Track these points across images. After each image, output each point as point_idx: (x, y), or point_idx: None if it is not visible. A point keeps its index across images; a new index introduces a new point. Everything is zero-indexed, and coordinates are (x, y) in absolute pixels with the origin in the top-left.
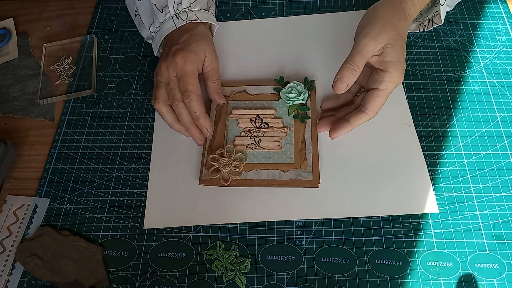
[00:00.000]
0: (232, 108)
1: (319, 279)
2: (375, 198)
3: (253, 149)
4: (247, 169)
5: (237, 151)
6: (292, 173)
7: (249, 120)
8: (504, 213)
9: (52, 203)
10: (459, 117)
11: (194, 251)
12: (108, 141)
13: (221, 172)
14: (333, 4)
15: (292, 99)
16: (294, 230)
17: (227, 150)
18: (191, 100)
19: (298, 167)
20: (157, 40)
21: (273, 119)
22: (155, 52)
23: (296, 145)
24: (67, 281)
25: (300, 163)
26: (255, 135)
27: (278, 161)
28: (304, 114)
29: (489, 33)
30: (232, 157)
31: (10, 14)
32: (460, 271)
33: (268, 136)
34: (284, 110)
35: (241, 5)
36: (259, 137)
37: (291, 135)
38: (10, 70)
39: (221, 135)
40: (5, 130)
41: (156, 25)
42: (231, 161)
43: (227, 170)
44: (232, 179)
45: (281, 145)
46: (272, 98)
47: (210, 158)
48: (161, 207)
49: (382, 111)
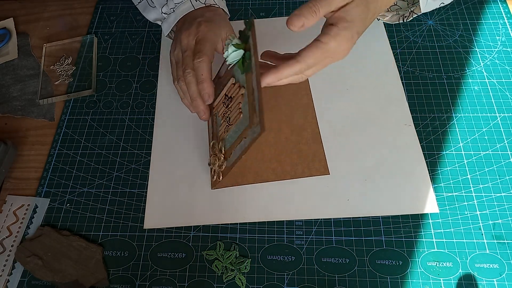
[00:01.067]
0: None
1: (319, 279)
2: (375, 198)
3: (228, 131)
4: (228, 155)
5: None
6: (249, 134)
7: (222, 104)
8: (504, 213)
9: (52, 203)
10: (459, 117)
11: (194, 251)
12: (108, 141)
13: (215, 171)
14: None
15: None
16: (294, 230)
17: (212, 146)
18: (202, 61)
19: (252, 125)
20: (171, 20)
21: (233, 88)
22: (166, 32)
23: (250, 101)
24: (67, 281)
25: (253, 118)
26: (226, 115)
27: (242, 129)
28: (249, 61)
29: (489, 33)
30: (217, 150)
31: (10, 14)
32: (460, 271)
33: (232, 109)
34: (239, 71)
35: (241, 5)
36: (228, 116)
37: (245, 93)
38: (10, 70)
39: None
40: (5, 130)
41: (171, 6)
42: (216, 156)
43: (217, 166)
44: (222, 172)
45: (242, 110)
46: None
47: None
48: (161, 207)
49: (382, 111)
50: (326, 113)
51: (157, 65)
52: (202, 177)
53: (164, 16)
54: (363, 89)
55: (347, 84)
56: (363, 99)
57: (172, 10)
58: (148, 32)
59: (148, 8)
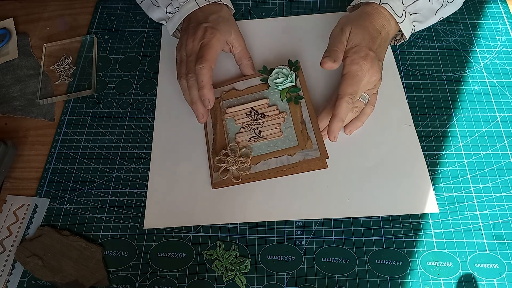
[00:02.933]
0: (226, 107)
1: (319, 279)
2: (375, 198)
3: (256, 141)
4: (254, 162)
5: (241, 147)
6: (299, 155)
7: (245, 115)
8: (504, 213)
9: (52, 203)
10: (459, 117)
11: (194, 251)
12: (108, 141)
13: (230, 171)
14: (333, 4)
15: (280, 84)
16: (294, 230)
17: (231, 148)
18: (203, 68)
19: (304, 147)
20: (175, 19)
21: (268, 108)
22: (171, 32)
23: (297, 127)
24: (67, 281)
25: (305, 143)
26: (255, 127)
27: (282, 147)
28: (296, 96)
29: (489, 33)
30: (238, 154)
31: (10, 14)
32: (460, 271)
33: (267, 125)
34: (277, 96)
35: (241, 5)
36: (258, 129)
37: (289, 119)
38: (10, 70)
39: (221, 136)
40: (5, 130)
41: (175, 6)
42: (237, 158)
43: (235, 167)
44: (242, 175)
45: (282, 131)
46: (261, 89)
47: (216, 160)
48: (161, 207)
49: (382, 111)
50: None
51: (157, 65)
52: (202, 177)
53: (168, 15)
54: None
55: None
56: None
57: (177, 10)
58: (148, 32)
59: (152, 7)
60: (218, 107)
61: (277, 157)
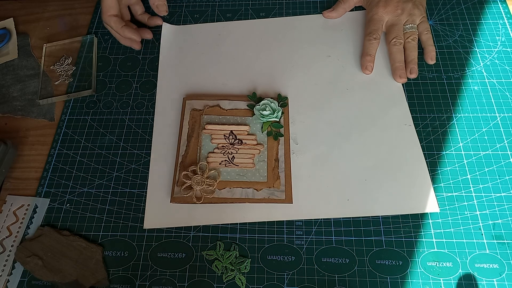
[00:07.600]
0: (206, 123)
1: (319, 279)
2: (375, 198)
3: (227, 166)
4: (220, 187)
5: (210, 168)
6: (265, 192)
7: (223, 136)
8: (504, 213)
9: (52, 203)
10: (459, 117)
11: (194, 251)
12: (108, 141)
13: (194, 190)
14: (333, 4)
15: (266, 116)
16: (294, 230)
17: (200, 167)
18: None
19: (271, 186)
20: None
21: (246, 136)
22: None
23: (270, 163)
24: (67, 281)
25: (273, 181)
26: (229, 152)
27: (251, 179)
28: (277, 132)
29: (489, 33)
30: (206, 174)
31: (10, 14)
32: (460, 271)
33: (242, 153)
34: (258, 126)
35: (241, 5)
36: (232, 154)
37: (265, 153)
38: (10, 70)
39: (194, 150)
40: (5, 130)
41: None
42: (204, 179)
43: (200, 188)
44: (204, 197)
45: (255, 163)
46: (245, 114)
47: (182, 175)
48: (161, 207)
49: (382, 111)
50: (326, 113)
51: (157, 65)
52: None
53: None
54: (363, 89)
55: (347, 84)
56: (363, 99)
57: None
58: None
59: None
60: (198, 120)
61: (243, 188)
